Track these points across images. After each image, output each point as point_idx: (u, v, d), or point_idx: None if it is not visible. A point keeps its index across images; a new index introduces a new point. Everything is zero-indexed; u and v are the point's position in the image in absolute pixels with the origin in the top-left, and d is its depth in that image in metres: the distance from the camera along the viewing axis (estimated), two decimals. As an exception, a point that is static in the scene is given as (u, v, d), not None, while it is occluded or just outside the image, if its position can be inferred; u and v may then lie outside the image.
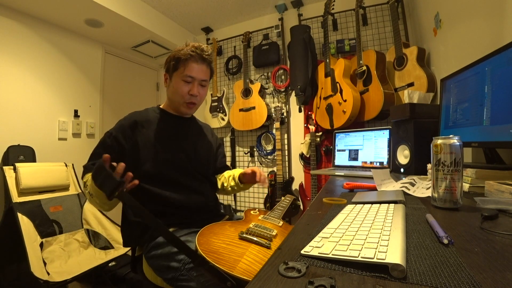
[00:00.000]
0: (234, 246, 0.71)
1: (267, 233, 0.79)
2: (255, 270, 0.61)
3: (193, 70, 0.90)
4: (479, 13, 1.10)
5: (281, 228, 0.89)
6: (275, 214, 0.99)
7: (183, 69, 0.90)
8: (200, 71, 0.92)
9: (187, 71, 0.90)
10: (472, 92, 0.89)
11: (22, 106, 1.87)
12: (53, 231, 1.57)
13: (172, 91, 0.94)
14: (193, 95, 0.92)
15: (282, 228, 0.90)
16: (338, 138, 1.74)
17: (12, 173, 1.57)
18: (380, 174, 0.91)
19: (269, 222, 0.92)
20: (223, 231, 0.79)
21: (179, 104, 0.95)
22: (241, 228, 0.81)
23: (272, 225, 0.90)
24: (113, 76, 2.59)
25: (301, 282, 0.30)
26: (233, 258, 0.65)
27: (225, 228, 0.82)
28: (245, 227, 0.82)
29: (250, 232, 0.78)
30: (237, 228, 0.82)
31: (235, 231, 0.79)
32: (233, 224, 0.86)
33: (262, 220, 0.93)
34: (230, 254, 0.67)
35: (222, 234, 0.76)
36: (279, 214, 1.00)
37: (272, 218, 0.96)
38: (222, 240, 0.73)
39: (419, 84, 1.56)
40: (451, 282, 0.28)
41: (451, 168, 0.57)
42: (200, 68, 0.92)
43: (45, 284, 1.20)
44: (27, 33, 1.90)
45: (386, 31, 2.01)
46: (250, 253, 0.69)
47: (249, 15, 2.54)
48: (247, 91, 2.35)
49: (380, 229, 0.43)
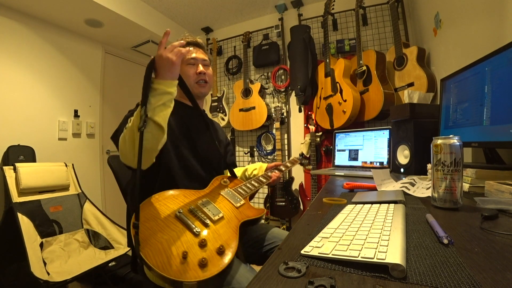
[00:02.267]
0: (165, 227, 0.68)
1: (206, 216, 0.73)
2: (161, 262, 0.60)
3: (192, 53, 0.97)
4: (479, 13, 1.10)
5: (236, 211, 0.82)
6: (243, 190, 0.91)
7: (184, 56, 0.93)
8: (199, 53, 0.99)
9: (188, 55, 0.95)
10: (472, 92, 0.89)
11: (22, 106, 1.87)
12: (53, 231, 1.57)
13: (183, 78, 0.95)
14: (200, 73, 0.96)
15: (238, 210, 0.83)
16: (338, 138, 1.74)
17: (12, 173, 1.57)
18: (380, 174, 0.91)
19: (227, 199, 0.84)
20: (166, 203, 0.74)
21: (191, 87, 0.96)
22: (188, 203, 0.76)
23: (226, 204, 0.83)
24: (113, 76, 2.59)
25: (301, 282, 0.30)
26: (155, 246, 0.63)
27: (172, 199, 0.76)
28: (194, 201, 0.77)
29: (190, 211, 0.73)
30: (184, 200, 0.77)
31: (176, 205, 0.74)
32: (185, 195, 0.80)
33: (221, 195, 0.85)
34: (156, 239, 0.64)
35: (162, 208, 0.72)
36: (247, 191, 0.92)
37: (236, 194, 0.88)
38: (157, 219, 0.69)
39: (419, 84, 1.56)
40: (451, 282, 0.28)
41: (451, 168, 0.57)
42: (198, 51, 0.99)
43: (45, 284, 1.20)
44: (27, 33, 1.91)
45: (386, 31, 2.01)
46: (171, 237, 0.66)
47: (249, 15, 2.54)
48: (247, 91, 2.35)
49: (380, 229, 0.43)
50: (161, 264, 0.60)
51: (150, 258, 0.60)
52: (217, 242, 0.68)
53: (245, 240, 0.95)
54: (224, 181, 0.93)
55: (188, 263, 0.62)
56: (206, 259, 0.62)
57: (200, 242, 0.66)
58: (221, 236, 0.70)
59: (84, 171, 2.15)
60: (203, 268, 0.61)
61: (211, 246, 0.66)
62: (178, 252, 0.63)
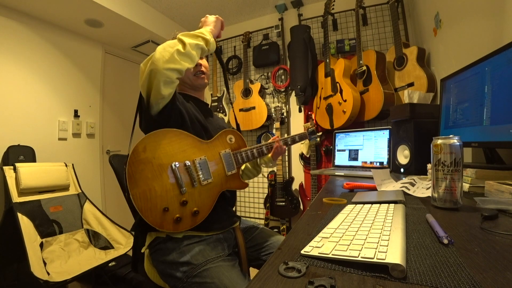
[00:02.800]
0: (157, 176, 0.73)
1: (197, 178, 0.78)
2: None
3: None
4: (479, 13, 1.10)
5: (225, 178, 0.84)
6: (241, 158, 0.90)
7: None
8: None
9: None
10: (472, 92, 0.89)
11: (22, 106, 1.87)
12: (53, 231, 1.57)
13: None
14: (197, 65, 0.94)
15: (228, 178, 0.85)
16: (338, 138, 1.74)
17: (12, 173, 1.57)
18: (380, 174, 0.91)
19: (222, 163, 0.85)
20: (168, 147, 0.76)
21: (190, 80, 0.96)
22: (187, 155, 0.78)
23: (220, 169, 0.84)
24: (113, 76, 2.59)
25: (301, 282, 0.30)
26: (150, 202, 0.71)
27: (175, 143, 0.78)
28: (193, 156, 0.79)
29: (185, 167, 0.76)
30: (185, 150, 0.78)
31: (176, 154, 0.76)
32: (188, 143, 0.80)
33: (220, 156, 0.86)
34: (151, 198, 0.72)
35: (162, 152, 0.75)
36: (245, 160, 0.91)
37: (233, 160, 0.88)
38: (153, 164, 0.73)
39: (419, 84, 1.56)
40: (451, 282, 0.28)
41: (451, 168, 0.57)
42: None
43: (45, 284, 1.20)
44: (27, 33, 1.90)
45: (386, 31, 2.01)
46: (159, 188, 0.73)
47: (249, 15, 2.54)
48: (247, 91, 2.35)
49: (380, 229, 0.43)
50: (144, 209, 0.71)
51: (136, 200, 0.70)
52: (195, 205, 0.77)
53: (249, 244, 0.95)
54: (230, 139, 0.91)
55: (166, 217, 0.73)
56: (180, 218, 0.74)
57: (182, 201, 0.74)
58: (201, 200, 0.78)
59: (84, 171, 2.15)
60: (177, 223, 0.73)
61: (189, 208, 0.76)
62: (161, 205, 0.72)
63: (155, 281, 0.84)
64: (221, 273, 0.70)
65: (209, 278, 0.69)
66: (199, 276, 0.70)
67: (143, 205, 0.71)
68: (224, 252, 0.79)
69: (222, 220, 0.87)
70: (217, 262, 0.74)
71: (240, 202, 2.56)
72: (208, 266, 0.72)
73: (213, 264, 0.73)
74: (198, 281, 0.70)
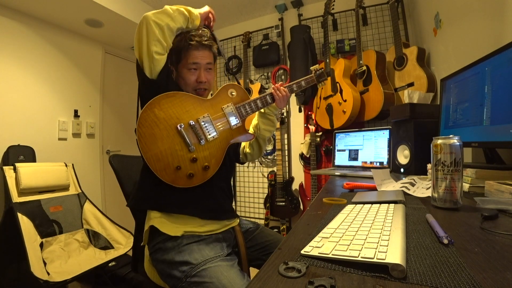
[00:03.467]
0: (165, 137, 0.78)
1: (203, 135, 0.81)
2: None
3: (196, 57, 0.90)
4: (479, 13, 1.10)
5: (229, 132, 0.86)
6: (244, 111, 0.91)
7: (186, 59, 0.89)
8: (203, 56, 0.91)
9: (191, 59, 0.89)
10: (472, 92, 0.89)
11: (22, 106, 1.87)
12: (53, 231, 1.57)
13: (181, 82, 0.92)
14: (201, 82, 0.91)
15: (233, 131, 0.87)
16: (338, 138, 1.74)
17: (12, 173, 1.57)
18: (380, 174, 0.91)
19: (226, 117, 0.87)
20: (170, 108, 0.80)
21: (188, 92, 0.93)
22: (191, 115, 0.81)
23: (223, 123, 0.86)
24: (113, 76, 2.59)
25: (301, 282, 0.30)
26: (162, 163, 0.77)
27: (178, 105, 0.81)
28: (196, 115, 0.82)
29: (190, 126, 0.80)
30: (188, 110, 0.82)
31: (179, 115, 0.80)
32: (190, 103, 0.84)
33: (223, 111, 0.88)
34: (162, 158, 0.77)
35: (166, 114, 0.79)
36: (249, 112, 0.91)
37: (236, 113, 0.89)
38: (159, 127, 0.78)
39: (419, 84, 1.56)
40: (451, 282, 0.28)
41: (451, 168, 0.57)
42: (203, 54, 0.91)
43: (45, 284, 1.20)
44: (27, 33, 1.91)
45: (386, 31, 2.01)
46: (169, 148, 0.77)
47: (249, 15, 2.54)
48: (247, 91, 2.35)
49: (380, 229, 0.43)
50: (159, 169, 0.77)
51: (151, 162, 0.76)
52: (205, 160, 0.81)
53: (250, 244, 0.94)
54: (231, 93, 0.92)
55: (179, 174, 0.78)
56: (193, 174, 0.79)
57: (192, 159, 0.79)
58: (211, 154, 0.83)
59: (84, 171, 2.15)
60: (190, 178, 0.79)
61: (199, 163, 0.80)
62: (174, 163, 0.78)
63: (155, 281, 0.84)
64: (220, 272, 0.70)
65: (208, 277, 0.69)
66: (198, 275, 0.70)
67: (157, 166, 0.77)
68: (223, 252, 0.79)
69: (217, 210, 0.87)
70: (216, 261, 0.73)
71: (240, 202, 2.56)
72: (207, 266, 0.72)
73: (212, 264, 0.72)
74: (197, 281, 0.70)
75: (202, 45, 0.90)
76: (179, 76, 0.92)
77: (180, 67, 0.91)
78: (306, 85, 1.00)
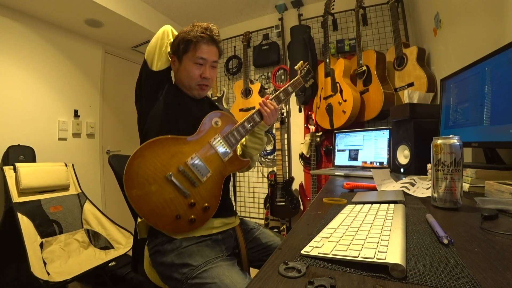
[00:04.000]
0: (157, 191, 0.74)
1: (195, 177, 0.77)
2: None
3: (204, 52, 0.88)
4: (479, 13, 1.10)
5: (223, 165, 0.82)
6: (233, 138, 0.85)
7: (194, 51, 0.88)
8: (211, 52, 0.90)
9: (199, 53, 0.88)
10: (472, 92, 0.89)
11: (22, 106, 1.87)
12: (53, 231, 1.57)
13: (183, 74, 0.91)
14: (205, 77, 0.90)
15: (225, 164, 0.82)
16: (338, 138, 1.74)
17: (12, 173, 1.57)
18: (380, 174, 0.91)
19: (216, 152, 0.82)
20: (155, 160, 0.75)
21: (190, 87, 0.92)
22: (177, 160, 0.76)
23: (215, 159, 0.81)
24: (113, 76, 2.59)
25: (301, 282, 0.30)
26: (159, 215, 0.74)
27: (160, 154, 0.76)
28: (184, 158, 0.77)
29: (180, 171, 0.76)
30: (173, 155, 0.77)
31: (166, 165, 0.75)
32: (175, 146, 0.78)
33: (211, 146, 0.82)
34: (159, 209, 0.74)
35: (151, 168, 0.75)
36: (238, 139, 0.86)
37: (225, 144, 0.84)
38: (149, 183, 0.74)
39: (419, 84, 1.56)
40: (451, 282, 0.28)
41: (451, 168, 0.57)
42: (211, 50, 0.90)
43: (45, 284, 1.20)
44: (27, 33, 1.90)
45: (386, 31, 2.01)
46: (165, 201, 0.74)
47: (249, 15, 2.54)
48: (247, 91, 2.35)
49: (380, 229, 0.43)
50: (160, 224, 0.75)
51: (150, 220, 0.74)
52: (204, 201, 0.78)
53: (250, 245, 0.94)
54: (216, 123, 0.86)
55: (180, 222, 0.76)
56: (194, 218, 0.77)
57: (189, 204, 0.76)
58: (208, 194, 0.80)
59: (84, 171, 2.15)
60: (192, 223, 0.76)
61: (198, 206, 0.78)
62: (172, 214, 0.75)
63: (155, 282, 0.84)
64: (221, 273, 0.70)
65: (210, 278, 0.69)
66: (199, 277, 0.70)
67: (156, 221, 0.74)
68: (223, 253, 0.79)
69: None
70: (216, 262, 0.73)
71: (240, 202, 2.56)
72: (208, 267, 0.71)
73: (213, 265, 0.72)
74: (199, 282, 0.70)
75: (213, 40, 0.90)
76: (182, 68, 0.90)
77: (185, 59, 0.89)
78: (293, 89, 0.96)
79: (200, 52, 0.88)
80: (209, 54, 0.89)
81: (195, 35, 0.87)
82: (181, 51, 0.89)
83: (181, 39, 0.88)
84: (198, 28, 0.88)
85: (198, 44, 0.87)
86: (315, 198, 0.81)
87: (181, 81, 0.93)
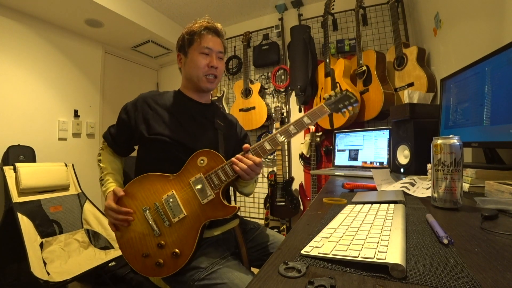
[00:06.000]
0: (134, 223, 0.76)
1: (167, 217, 0.73)
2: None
3: (210, 42, 0.88)
4: (479, 13, 1.10)
5: (201, 209, 0.73)
6: (217, 179, 0.75)
7: (199, 41, 0.87)
8: (216, 43, 0.90)
9: (204, 43, 0.87)
10: (472, 92, 0.89)
11: (22, 106, 1.87)
12: (53, 231, 1.57)
13: (190, 66, 0.89)
14: (213, 66, 0.88)
15: (203, 207, 0.73)
16: (338, 138, 1.74)
17: (12, 173, 1.57)
18: (380, 174, 0.91)
19: (195, 192, 0.75)
20: (139, 194, 0.78)
21: (198, 79, 0.89)
22: (157, 196, 0.76)
23: (192, 200, 0.74)
24: (113, 76, 2.59)
25: (301, 282, 0.30)
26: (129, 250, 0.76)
27: (145, 189, 0.77)
28: (161, 195, 0.75)
29: (156, 208, 0.75)
30: (154, 192, 0.76)
31: (146, 199, 0.77)
32: (157, 183, 0.77)
33: (190, 185, 0.75)
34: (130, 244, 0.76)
35: (134, 201, 0.78)
36: (222, 181, 0.75)
37: (206, 185, 0.75)
38: (133, 210, 0.77)
39: (419, 84, 1.56)
40: (451, 282, 0.28)
41: (451, 168, 0.57)
42: (216, 40, 0.90)
43: (45, 284, 1.20)
44: (27, 33, 1.90)
45: (386, 31, 2.01)
46: (137, 235, 0.75)
47: (249, 15, 2.54)
48: (247, 91, 2.35)
49: (380, 229, 0.43)
50: (130, 257, 0.74)
51: (123, 249, 0.76)
52: (174, 245, 0.72)
53: (250, 245, 0.93)
54: (201, 161, 0.78)
55: (147, 262, 0.72)
56: (162, 262, 0.71)
57: (158, 244, 0.72)
58: (179, 239, 0.72)
59: (84, 171, 2.15)
60: (159, 268, 0.71)
61: (167, 250, 0.72)
62: (141, 250, 0.73)
63: (155, 282, 0.84)
64: (230, 273, 0.70)
65: (220, 279, 0.68)
66: (207, 278, 0.70)
67: (127, 253, 0.75)
68: (227, 253, 0.79)
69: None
70: (223, 263, 0.73)
71: (240, 202, 2.56)
72: (216, 268, 0.71)
73: (220, 266, 0.72)
74: (207, 283, 0.69)
75: (217, 32, 0.90)
76: (189, 61, 0.90)
77: (191, 51, 0.89)
78: (274, 146, 0.79)
79: (205, 42, 0.87)
80: (214, 44, 0.89)
81: (200, 26, 0.88)
82: (187, 43, 0.89)
83: (186, 32, 0.89)
84: (202, 22, 0.89)
85: (203, 34, 0.88)
86: (315, 198, 0.81)
87: (189, 74, 0.90)
